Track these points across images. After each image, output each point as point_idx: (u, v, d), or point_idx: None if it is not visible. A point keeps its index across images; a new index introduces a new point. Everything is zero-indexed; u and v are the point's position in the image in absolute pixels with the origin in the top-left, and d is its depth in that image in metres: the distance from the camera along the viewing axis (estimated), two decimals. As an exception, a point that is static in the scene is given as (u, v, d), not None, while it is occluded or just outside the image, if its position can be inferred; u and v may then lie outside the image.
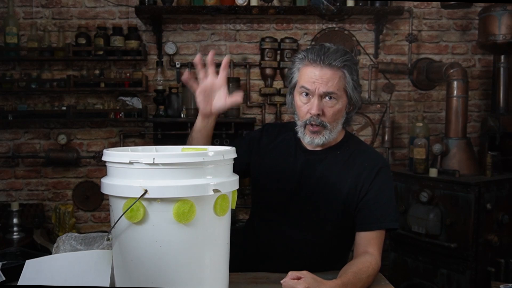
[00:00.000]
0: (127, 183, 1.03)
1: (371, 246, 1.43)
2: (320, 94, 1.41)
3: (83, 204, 3.25)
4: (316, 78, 1.41)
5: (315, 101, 1.41)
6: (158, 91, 3.06)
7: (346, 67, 1.42)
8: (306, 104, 1.44)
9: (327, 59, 1.40)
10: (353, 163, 1.50)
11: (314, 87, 1.41)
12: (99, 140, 3.25)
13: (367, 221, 1.44)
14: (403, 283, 2.78)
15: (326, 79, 1.40)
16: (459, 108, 2.75)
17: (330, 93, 1.41)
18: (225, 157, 1.08)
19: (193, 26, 3.23)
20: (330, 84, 1.40)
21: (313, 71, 1.41)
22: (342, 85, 1.42)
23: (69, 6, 3.19)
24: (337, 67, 1.40)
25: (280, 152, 1.58)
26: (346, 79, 1.42)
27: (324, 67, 1.40)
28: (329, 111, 1.43)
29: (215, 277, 1.11)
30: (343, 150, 1.53)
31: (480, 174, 2.70)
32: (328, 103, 1.43)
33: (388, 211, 1.45)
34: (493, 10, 2.76)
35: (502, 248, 2.58)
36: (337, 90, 1.41)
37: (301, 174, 1.52)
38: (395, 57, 3.28)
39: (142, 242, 1.04)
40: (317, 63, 1.41)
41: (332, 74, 1.40)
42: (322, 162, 1.52)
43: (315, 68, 1.41)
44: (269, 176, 1.56)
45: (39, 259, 1.21)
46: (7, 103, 3.14)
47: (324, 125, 1.44)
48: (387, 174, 1.50)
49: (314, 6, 2.98)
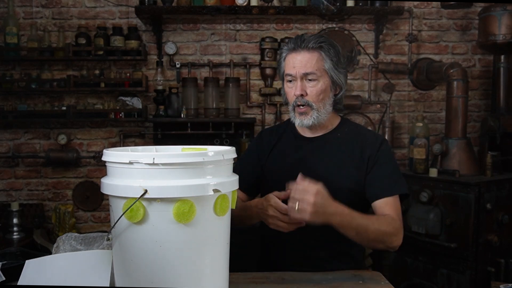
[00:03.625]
0: (127, 183, 1.03)
1: (388, 210, 1.49)
2: (300, 77, 1.52)
3: (83, 204, 3.25)
4: (296, 63, 1.53)
5: (298, 83, 1.53)
6: (158, 91, 3.06)
7: (322, 48, 1.52)
8: (291, 89, 1.56)
9: (303, 43, 1.52)
10: (355, 140, 1.58)
11: (295, 71, 1.53)
12: (99, 140, 3.25)
13: (379, 190, 1.51)
14: (403, 283, 2.77)
15: (304, 61, 1.52)
16: (459, 108, 2.75)
17: (309, 74, 1.52)
18: (225, 157, 1.08)
19: (193, 26, 3.23)
20: (308, 65, 1.51)
21: (293, 57, 1.54)
22: (320, 65, 1.52)
23: (69, 6, 3.19)
24: (313, 48, 1.52)
25: (282, 148, 1.65)
26: (324, 59, 1.52)
27: (302, 51, 1.52)
28: (312, 90, 1.53)
29: (215, 277, 1.11)
30: (342, 132, 1.62)
31: (480, 174, 2.70)
32: (309, 83, 1.53)
33: (397, 179, 1.53)
34: (493, 10, 2.76)
35: (502, 248, 2.58)
36: (316, 70, 1.51)
37: (307, 162, 1.58)
38: (395, 57, 3.28)
39: (142, 242, 1.04)
40: (296, 49, 1.53)
41: (309, 56, 1.52)
42: (325, 146, 1.60)
43: (296, 53, 1.53)
44: (278, 173, 1.60)
45: (39, 259, 1.21)
46: (7, 103, 3.14)
47: (309, 104, 1.53)
48: (388, 146, 1.60)
49: (314, 6, 2.98)
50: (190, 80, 3.10)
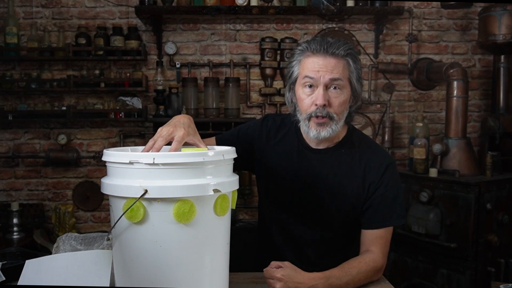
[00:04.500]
0: (127, 183, 1.03)
1: (374, 244, 1.43)
2: (325, 83, 1.36)
3: (83, 204, 3.25)
4: (320, 66, 1.36)
5: (321, 91, 1.36)
6: (158, 91, 3.06)
7: (349, 55, 1.38)
8: (310, 96, 1.38)
9: (330, 48, 1.36)
10: (359, 161, 1.46)
11: (318, 76, 1.35)
12: (99, 140, 3.25)
13: (372, 220, 1.43)
14: (403, 283, 2.77)
15: (331, 67, 1.35)
16: (459, 108, 2.75)
17: (335, 80, 1.36)
18: (225, 157, 1.08)
19: (193, 26, 3.23)
20: (335, 71, 1.35)
21: (316, 61, 1.37)
22: (346, 74, 1.38)
23: (69, 6, 3.19)
24: (341, 55, 1.36)
25: (283, 151, 1.53)
26: (350, 68, 1.39)
27: (328, 56, 1.36)
28: (335, 101, 1.37)
29: (215, 277, 1.11)
30: (347, 148, 1.48)
31: (480, 174, 2.70)
32: (333, 93, 1.37)
33: (394, 208, 1.43)
34: (493, 10, 2.76)
35: (502, 248, 2.58)
36: (343, 77, 1.37)
37: (307, 174, 1.48)
38: (395, 57, 3.28)
39: (142, 242, 1.04)
40: (321, 53, 1.36)
41: (336, 62, 1.36)
42: (327, 161, 1.47)
43: (318, 58, 1.37)
44: (275, 176, 1.53)
45: (39, 259, 1.21)
46: (7, 103, 3.14)
47: (331, 116, 1.38)
48: (393, 172, 1.46)
49: (314, 6, 2.98)
50: (190, 80, 3.10)
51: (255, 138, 1.57)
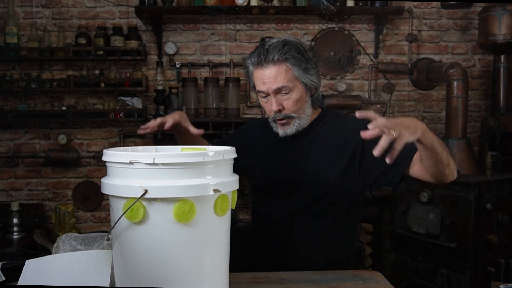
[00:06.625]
0: (127, 183, 1.03)
1: None
2: (273, 92, 1.48)
3: (83, 204, 3.25)
4: (265, 79, 1.47)
5: (272, 99, 1.49)
6: (158, 91, 3.06)
7: (287, 59, 1.46)
8: (266, 103, 1.52)
9: (268, 56, 1.46)
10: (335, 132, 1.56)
11: (265, 88, 1.48)
12: (99, 140, 3.25)
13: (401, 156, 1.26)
14: (403, 283, 2.77)
15: (273, 76, 1.46)
16: (459, 108, 2.75)
17: (281, 88, 1.47)
18: (225, 157, 1.08)
19: (193, 26, 3.23)
20: (278, 79, 1.46)
21: (261, 73, 1.48)
22: (290, 76, 1.47)
23: (69, 6, 3.19)
24: (279, 61, 1.45)
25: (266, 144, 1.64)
26: (293, 69, 1.47)
27: (268, 66, 1.46)
28: (288, 103, 1.49)
29: (215, 277, 1.11)
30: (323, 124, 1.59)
31: (480, 174, 2.70)
32: (284, 97, 1.49)
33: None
34: (493, 10, 2.76)
35: (502, 248, 2.57)
36: (287, 82, 1.47)
37: (291, 156, 1.57)
38: (395, 57, 3.28)
39: (142, 242, 1.04)
40: (261, 64, 1.47)
41: (277, 69, 1.46)
42: (307, 137, 1.57)
43: (262, 70, 1.48)
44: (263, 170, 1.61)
45: (39, 259, 1.21)
46: (7, 103, 3.14)
47: (289, 116, 1.50)
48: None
49: (314, 6, 2.98)
50: (190, 80, 3.10)
51: (241, 140, 1.68)
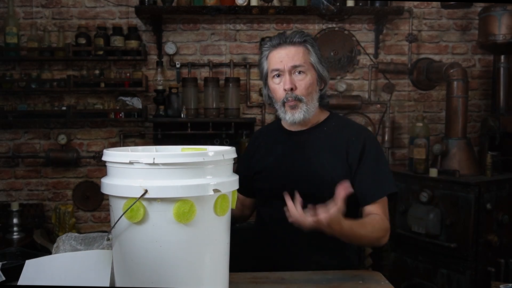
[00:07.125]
0: (127, 183, 1.03)
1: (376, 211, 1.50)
2: (289, 70, 1.53)
3: (83, 204, 3.25)
4: (283, 57, 1.54)
5: (287, 77, 1.54)
6: (158, 91, 3.06)
7: (307, 42, 1.56)
8: (279, 84, 1.56)
9: (288, 38, 1.55)
10: (341, 137, 1.58)
11: (282, 65, 1.54)
12: (99, 140, 3.25)
13: (367, 194, 1.51)
14: (403, 283, 2.77)
15: (291, 55, 1.54)
16: (459, 108, 2.75)
17: (297, 66, 1.53)
18: (225, 157, 1.08)
19: (193, 26, 3.23)
20: (296, 58, 1.53)
21: (278, 53, 1.55)
22: (307, 58, 1.55)
23: (69, 6, 3.19)
24: (299, 42, 1.55)
25: (268, 144, 1.67)
26: (310, 53, 1.56)
27: (287, 46, 1.55)
28: (301, 84, 1.54)
29: (215, 277, 1.11)
30: (328, 127, 1.62)
31: (480, 174, 2.70)
32: (298, 77, 1.54)
33: (384, 178, 1.53)
34: (493, 10, 2.76)
35: (502, 248, 2.58)
36: (304, 62, 1.54)
37: (292, 156, 1.59)
38: (395, 57, 3.28)
39: (142, 242, 1.04)
40: (281, 45, 1.55)
41: (296, 50, 1.54)
42: (309, 139, 1.60)
43: (280, 50, 1.55)
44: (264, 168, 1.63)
45: (39, 259, 1.21)
46: (7, 103, 3.14)
47: (299, 99, 1.54)
48: (374, 143, 1.59)
49: (314, 6, 2.98)
50: (190, 80, 3.10)
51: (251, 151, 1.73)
